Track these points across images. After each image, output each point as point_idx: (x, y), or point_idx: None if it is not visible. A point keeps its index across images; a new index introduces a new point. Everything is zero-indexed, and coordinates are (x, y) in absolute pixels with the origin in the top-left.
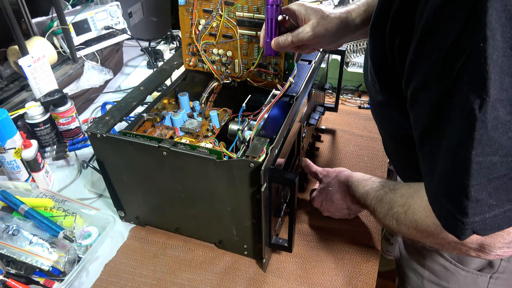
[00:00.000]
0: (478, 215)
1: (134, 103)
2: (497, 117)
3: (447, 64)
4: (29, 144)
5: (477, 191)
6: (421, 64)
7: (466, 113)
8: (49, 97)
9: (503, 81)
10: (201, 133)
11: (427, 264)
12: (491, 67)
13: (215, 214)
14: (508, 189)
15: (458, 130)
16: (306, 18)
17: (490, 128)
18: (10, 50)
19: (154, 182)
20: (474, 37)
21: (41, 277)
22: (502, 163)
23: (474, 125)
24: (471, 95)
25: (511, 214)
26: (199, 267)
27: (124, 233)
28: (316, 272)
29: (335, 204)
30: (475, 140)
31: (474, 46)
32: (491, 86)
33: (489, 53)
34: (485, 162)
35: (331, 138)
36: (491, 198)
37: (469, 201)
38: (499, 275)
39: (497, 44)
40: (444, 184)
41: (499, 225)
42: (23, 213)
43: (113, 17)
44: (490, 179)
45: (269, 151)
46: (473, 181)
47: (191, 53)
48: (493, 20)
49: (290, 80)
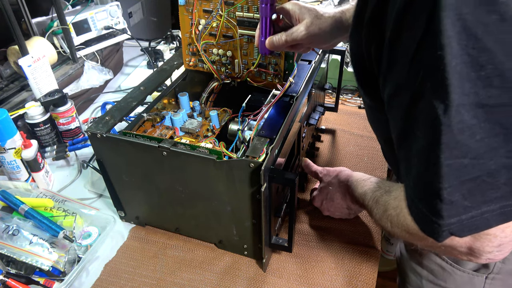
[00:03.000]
0: (453, 217)
1: (134, 103)
2: (462, 121)
3: (412, 71)
4: (29, 144)
5: (450, 193)
6: (392, 70)
7: (432, 118)
8: (49, 97)
9: (463, 87)
10: (201, 133)
11: (425, 264)
12: (450, 73)
13: (215, 214)
14: (483, 191)
15: (426, 134)
16: (300, 18)
17: (456, 132)
18: (10, 50)
19: (154, 182)
20: (433, 45)
21: (41, 277)
22: (473, 165)
23: (440, 129)
24: (435, 100)
25: (490, 216)
26: (199, 267)
27: (124, 233)
28: (316, 272)
29: (335, 204)
30: (443, 144)
31: (433, 53)
32: (452, 92)
33: (447, 60)
34: (455, 165)
35: (331, 138)
36: (465, 200)
37: (443, 203)
38: (494, 275)
39: (454, 51)
40: (418, 188)
41: (477, 227)
42: (23, 213)
43: (113, 17)
44: (462, 181)
45: (269, 151)
46: (445, 183)
47: (191, 53)
48: (448, 29)
49: (290, 80)
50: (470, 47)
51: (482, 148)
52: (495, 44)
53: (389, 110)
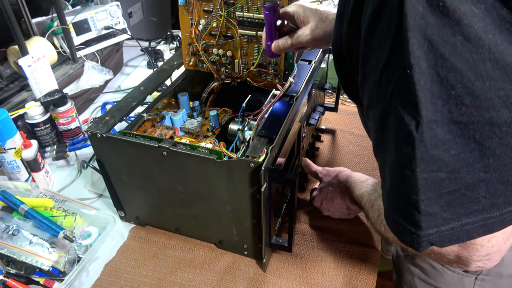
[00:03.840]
0: (432, 228)
1: (134, 103)
2: (436, 136)
3: (381, 86)
4: (29, 144)
5: (428, 205)
6: (365, 84)
7: (404, 133)
8: (49, 97)
9: (435, 104)
10: (201, 133)
11: (417, 263)
12: (420, 91)
13: (215, 214)
14: (463, 204)
15: (399, 148)
16: (305, 20)
17: (430, 147)
18: (10, 50)
19: (154, 182)
20: (400, 64)
21: (41, 277)
22: (450, 179)
23: (413, 144)
24: (406, 117)
25: (470, 227)
26: (199, 267)
27: (124, 233)
28: (316, 272)
29: (335, 204)
30: (417, 158)
31: (401, 72)
32: (423, 109)
33: (416, 79)
34: (431, 178)
35: (331, 138)
36: (444, 212)
37: (421, 215)
38: (484, 277)
39: (423, 70)
40: (394, 200)
41: (458, 238)
42: (23, 213)
43: (113, 17)
44: (440, 194)
45: (269, 151)
46: (422, 196)
47: (191, 53)
48: (416, 49)
49: (290, 80)
50: (439, 67)
51: (458, 163)
52: (463, 64)
53: (367, 118)
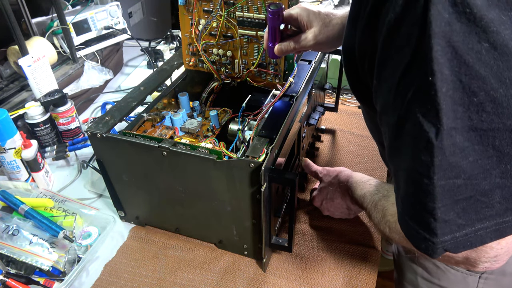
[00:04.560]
0: (447, 235)
1: (134, 103)
2: (455, 144)
3: (398, 93)
4: (29, 144)
5: (444, 212)
6: (380, 90)
7: (423, 140)
8: (49, 97)
9: (456, 111)
10: (201, 133)
11: (420, 261)
12: (441, 98)
13: (215, 214)
14: (477, 210)
15: (416, 155)
16: (308, 24)
17: (449, 154)
18: (10, 50)
19: (154, 182)
20: (422, 71)
21: (41, 277)
22: (467, 185)
23: (432, 151)
24: (426, 124)
25: (483, 232)
26: (199, 267)
27: (124, 233)
28: (316, 272)
29: (335, 204)
30: (435, 166)
31: (423, 79)
32: (444, 116)
33: (438, 86)
34: (448, 185)
35: (331, 138)
36: (459, 218)
37: (437, 222)
38: (488, 275)
39: (445, 77)
40: (408, 206)
41: (472, 243)
42: (23, 213)
43: (113, 17)
44: (456, 200)
45: (269, 151)
46: (438, 203)
47: (191, 53)
48: (439, 56)
49: (290, 80)
50: (463, 74)
51: (475, 169)
52: (487, 71)
53: (380, 123)
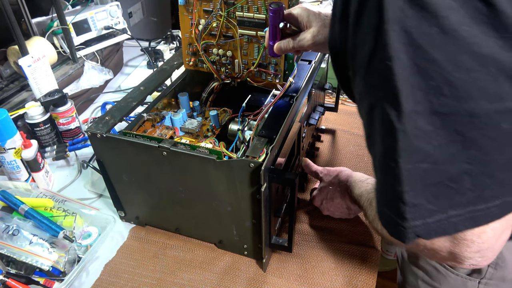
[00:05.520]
0: (418, 219)
1: (134, 103)
2: (418, 128)
3: (367, 80)
4: (29, 144)
5: (413, 196)
6: (355, 80)
7: (387, 125)
8: (49, 97)
9: (415, 95)
10: (201, 133)
11: (421, 265)
12: (400, 82)
13: (215, 214)
14: (448, 196)
15: (384, 140)
16: (308, 25)
17: (412, 138)
18: (10, 50)
19: (154, 182)
20: (382, 57)
21: (41, 277)
22: (434, 170)
23: (396, 135)
24: (388, 108)
25: (457, 220)
26: (199, 267)
27: (124, 233)
28: (316, 272)
29: (335, 203)
30: (400, 149)
31: (383, 64)
32: (403, 100)
33: (396, 70)
34: (415, 169)
35: (331, 138)
36: (430, 204)
37: (406, 206)
38: (487, 281)
39: (402, 62)
40: (382, 193)
41: (445, 230)
42: (23, 213)
43: (113, 17)
44: (425, 185)
45: (269, 151)
46: (406, 187)
47: (191, 53)
48: (395, 41)
49: (290, 80)
50: (418, 58)
51: (441, 154)
52: (441, 55)
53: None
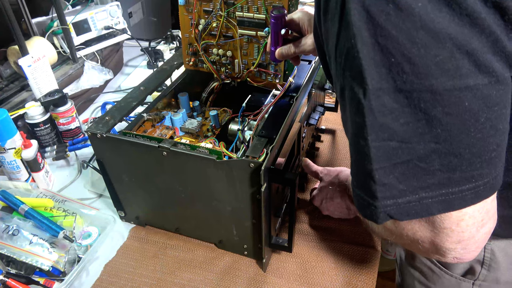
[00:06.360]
0: (388, 199)
1: (134, 103)
2: (384, 105)
3: (337, 62)
4: (29, 144)
5: (382, 175)
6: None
7: (355, 103)
8: (49, 97)
9: (380, 72)
10: (201, 133)
11: (417, 265)
12: (364, 60)
13: (215, 214)
14: (418, 176)
15: (353, 119)
16: (308, 29)
17: (379, 115)
18: (10, 50)
19: (154, 182)
20: (348, 36)
21: (41, 277)
22: (402, 148)
23: (363, 112)
24: (355, 86)
25: (429, 202)
26: (199, 267)
27: (124, 233)
28: (316, 272)
29: (335, 203)
30: (367, 126)
31: (349, 43)
32: (368, 77)
33: (359, 48)
34: (383, 147)
35: (331, 138)
36: (400, 183)
37: (376, 185)
38: (481, 282)
39: (365, 39)
40: (355, 174)
41: (417, 212)
42: (23, 213)
43: (113, 17)
44: (394, 164)
45: (269, 151)
46: (375, 165)
47: (191, 53)
48: (357, 19)
49: (290, 80)
50: (378, 35)
51: (407, 132)
52: (398, 32)
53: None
